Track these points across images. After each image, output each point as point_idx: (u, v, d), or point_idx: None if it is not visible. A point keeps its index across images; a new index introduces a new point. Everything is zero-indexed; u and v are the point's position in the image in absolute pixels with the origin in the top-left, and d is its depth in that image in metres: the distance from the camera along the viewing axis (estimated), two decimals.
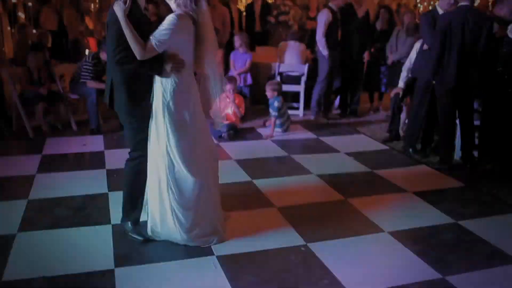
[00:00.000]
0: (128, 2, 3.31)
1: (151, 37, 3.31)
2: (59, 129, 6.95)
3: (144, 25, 3.44)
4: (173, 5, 3.49)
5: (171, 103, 3.46)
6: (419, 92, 5.87)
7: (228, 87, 6.91)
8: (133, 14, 3.36)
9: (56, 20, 10.76)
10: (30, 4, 10.27)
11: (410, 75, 6.35)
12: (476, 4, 9.36)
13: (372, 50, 7.95)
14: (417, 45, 6.24)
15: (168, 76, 3.45)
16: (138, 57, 3.30)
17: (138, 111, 3.55)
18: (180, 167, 3.52)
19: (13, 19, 9.80)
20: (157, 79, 3.51)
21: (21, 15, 10.01)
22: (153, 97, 3.55)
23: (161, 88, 3.48)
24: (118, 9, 3.28)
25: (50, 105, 6.96)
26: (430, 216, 4.35)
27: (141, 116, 3.57)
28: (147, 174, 3.66)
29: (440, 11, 5.76)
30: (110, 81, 3.58)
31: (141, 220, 3.84)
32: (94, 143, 6.36)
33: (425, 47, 5.78)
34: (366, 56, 7.78)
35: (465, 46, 5.22)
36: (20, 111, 6.57)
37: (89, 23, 10.31)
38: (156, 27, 3.37)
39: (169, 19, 3.34)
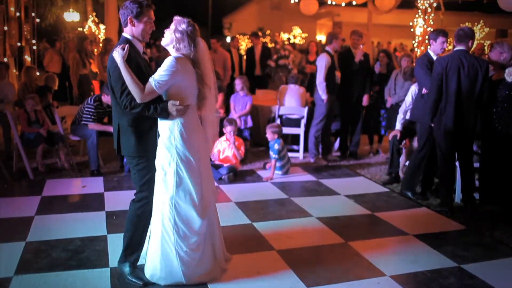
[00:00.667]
0: (126, 48, 3.41)
1: (150, 79, 3.40)
2: (59, 170, 6.95)
3: (143, 69, 3.54)
4: (172, 50, 3.58)
5: (178, 145, 3.50)
6: (422, 137, 5.90)
7: (229, 129, 6.97)
8: (132, 58, 3.45)
9: (60, 62, 10.98)
10: (35, 47, 10.49)
11: (407, 118, 6.42)
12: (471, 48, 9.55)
13: (371, 93, 8.05)
14: (412, 88, 6.33)
15: (173, 119, 3.50)
16: (138, 100, 3.38)
17: (145, 152, 3.60)
18: (188, 208, 3.53)
19: (19, 62, 9.99)
20: (163, 121, 3.55)
21: (27, 57, 10.21)
22: (159, 138, 3.60)
23: (168, 130, 3.52)
24: (117, 55, 3.38)
25: (50, 146, 7.01)
26: (432, 260, 4.30)
27: (148, 158, 3.61)
28: (150, 218, 3.66)
29: (433, 56, 5.88)
30: (117, 126, 3.63)
31: (138, 263, 3.81)
32: (94, 184, 6.35)
33: (424, 91, 5.85)
34: (365, 99, 7.87)
35: (462, 90, 5.30)
36: (21, 152, 6.59)
37: (93, 66, 10.48)
38: (155, 70, 3.46)
39: (168, 61, 3.42)
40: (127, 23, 3.57)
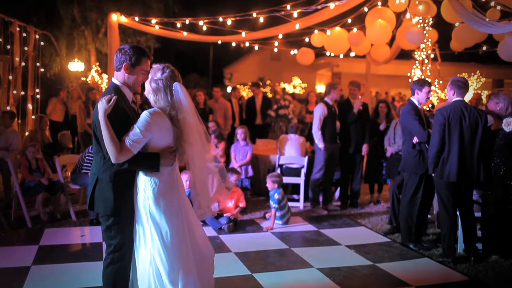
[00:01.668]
0: (112, 101, 3.20)
1: (125, 138, 3.18)
2: (58, 219, 6.91)
3: (131, 119, 3.32)
4: (151, 101, 3.40)
5: (152, 206, 3.30)
6: (410, 187, 5.94)
7: (234, 178, 7.02)
8: (119, 108, 3.25)
9: (63, 111, 11.11)
10: (38, 96, 10.64)
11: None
12: (469, 98, 9.69)
13: (371, 142, 8.11)
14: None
15: (159, 171, 3.32)
16: (113, 160, 3.16)
17: (122, 211, 3.35)
18: (168, 263, 3.31)
19: (21, 110, 10.11)
20: (139, 179, 3.36)
21: (30, 106, 10.34)
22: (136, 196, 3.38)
23: (143, 189, 3.33)
24: (100, 107, 3.18)
25: (50, 194, 7.00)
26: None
27: (125, 217, 3.37)
28: (128, 280, 3.46)
29: (417, 104, 5.97)
30: (94, 180, 3.38)
31: None
32: (92, 234, 6.30)
33: (415, 140, 5.90)
34: (364, 148, 7.92)
35: (464, 140, 5.35)
36: (20, 200, 6.57)
37: None
38: None
39: (142, 117, 3.22)
40: (121, 68, 3.39)
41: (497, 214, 5.49)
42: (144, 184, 3.32)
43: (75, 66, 16.43)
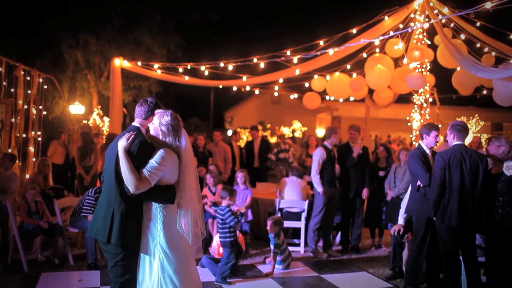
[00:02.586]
0: (131, 139, 3.59)
1: (143, 170, 3.51)
2: (56, 263, 6.81)
3: (149, 154, 3.65)
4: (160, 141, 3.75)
5: (161, 236, 3.59)
6: (419, 231, 5.87)
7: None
8: (139, 144, 3.61)
9: (64, 154, 11.12)
10: (40, 139, 10.68)
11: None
12: (468, 141, 9.74)
13: (371, 186, 8.09)
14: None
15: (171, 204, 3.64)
16: (131, 190, 3.46)
17: (131, 244, 3.63)
18: None
19: (22, 153, 10.13)
20: (148, 212, 3.65)
21: (31, 149, 10.36)
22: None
23: (153, 221, 3.63)
24: (121, 145, 3.55)
25: (48, 238, 6.93)
26: None
27: (132, 252, 3.64)
28: None
29: (426, 149, 6.00)
30: (111, 213, 3.62)
31: None
32: (90, 278, 6.21)
33: (419, 183, 5.89)
34: (364, 192, 7.89)
35: (465, 184, 5.35)
36: (18, 244, 6.50)
37: (98, 157, 10.55)
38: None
39: (158, 153, 3.60)
40: (148, 116, 3.81)
41: (500, 259, 5.41)
42: (154, 216, 3.63)
43: (76, 109, 16.57)
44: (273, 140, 21.73)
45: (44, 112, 11.80)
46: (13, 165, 7.96)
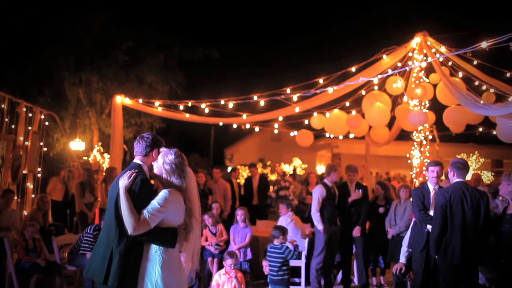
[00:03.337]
0: (132, 177, 3.50)
1: (144, 211, 3.40)
2: None
3: (150, 193, 3.58)
4: (164, 180, 3.67)
5: (159, 280, 3.46)
6: (419, 267, 5.80)
7: (229, 262, 6.81)
8: (140, 183, 3.52)
9: (63, 191, 11.09)
10: (39, 175, 10.67)
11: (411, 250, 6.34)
12: (468, 178, 9.72)
13: (368, 225, 8.00)
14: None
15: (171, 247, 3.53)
16: (130, 231, 3.36)
17: (127, 286, 3.53)
18: None
19: (21, 189, 10.09)
20: (147, 253, 3.54)
21: (30, 185, 10.33)
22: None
23: (151, 262, 3.51)
24: (122, 183, 3.46)
25: (46, 276, 6.82)
26: None
27: None
28: None
29: (430, 186, 5.98)
30: (109, 253, 3.54)
31: None
32: None
33: (414, 218, 5.91)
34: (356, 230, 7.73)
35: (467, 221, 5.30)
36: (14, 282, 6.40)
37: (98, 193, 10.51)
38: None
39: (161, 194, 3.49)
40: (147, 152, 3.74)
41: None
42: (152, 258, 3.51)
43: (77, 145, 16.62)
44: (273, 177, 21.72)
45: (45, 149, 11.83)
46: (11, 202, 7.90)
